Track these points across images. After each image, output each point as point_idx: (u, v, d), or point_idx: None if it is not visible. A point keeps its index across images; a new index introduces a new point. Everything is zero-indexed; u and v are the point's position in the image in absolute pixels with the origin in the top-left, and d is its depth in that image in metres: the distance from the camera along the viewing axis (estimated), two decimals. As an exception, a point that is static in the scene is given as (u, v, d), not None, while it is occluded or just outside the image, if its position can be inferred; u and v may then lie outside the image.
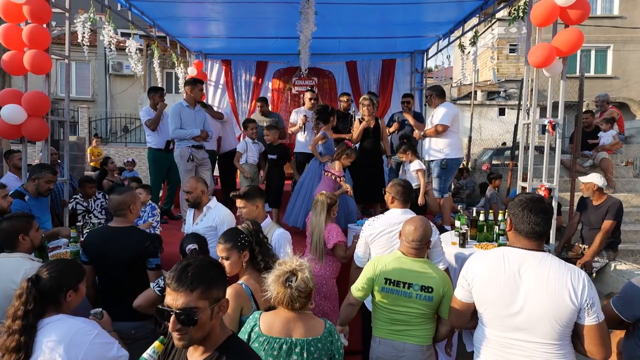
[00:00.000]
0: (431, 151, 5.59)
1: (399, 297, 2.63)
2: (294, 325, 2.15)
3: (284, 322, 2.15)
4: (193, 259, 1.69)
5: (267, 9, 6.22)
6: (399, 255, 2.74)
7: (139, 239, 3.07)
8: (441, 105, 5.54)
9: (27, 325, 1.96)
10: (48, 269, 2.18)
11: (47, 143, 4.74)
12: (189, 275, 1.57)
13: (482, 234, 4.23)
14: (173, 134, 5.44)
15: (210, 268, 1.66)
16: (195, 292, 1.56)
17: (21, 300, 2.00)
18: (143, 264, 3.02)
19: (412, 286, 2.61)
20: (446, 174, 5.53)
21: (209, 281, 1.60)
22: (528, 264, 2.08)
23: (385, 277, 2.65)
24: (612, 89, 17.22)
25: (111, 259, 2.98)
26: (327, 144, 5.51)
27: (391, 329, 2.67)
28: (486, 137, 16.78)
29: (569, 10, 3.96)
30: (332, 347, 2.19)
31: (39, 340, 1.96)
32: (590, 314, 1.99)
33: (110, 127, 19.55)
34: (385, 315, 2.69)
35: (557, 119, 4.31)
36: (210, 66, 9.31)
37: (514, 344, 2.09)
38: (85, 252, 3.10)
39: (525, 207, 2.13)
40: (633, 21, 18.58)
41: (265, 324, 2.15)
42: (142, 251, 3.01)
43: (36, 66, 4.22)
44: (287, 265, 2.17)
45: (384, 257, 2.80)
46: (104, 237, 3.09)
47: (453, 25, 7.29)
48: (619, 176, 7.39)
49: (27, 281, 2.06)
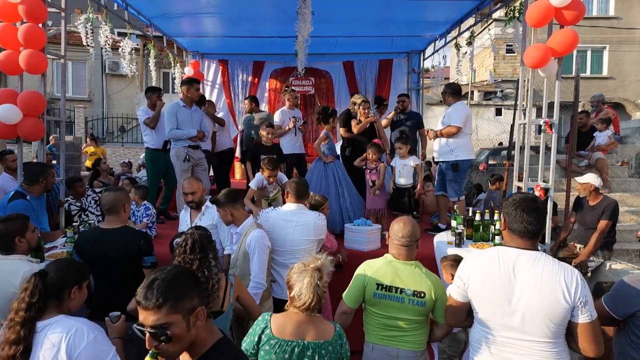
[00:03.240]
0: (441, 152, 5.47)
1: (391, 303, 2.56)
2: (307, 328, 2.13)
3: (296, 324, 2.12)
4: (160, 271, 1.61)
5: (263, 8, 6.21)
6: (390, 259, 2.67)
7: (133, 237, 3.07)
8: (455, 104, 5.42)
9: (29, 317, 1.96)
10: (55, 265, 2.20)
11: (42, 143, 4.73)
12: (154, 291, 1.51)
13: (477, 234, 4.25)
14: (169, 134, 5.44)
15: (178, 279, 1.59)
16: (164, 308, 1.50)
17: (27, 293, 2.00)
18: (138, 263, 3.01)
19: (404, 291, 2.54)
20: (459, 176, 5.40)
21: (177, 294, 1.54)
22: (522, 263, 2.10)
23: (376, 283, 2.58)
24: (608, 90, 17.29)
25: (105, 260, 2.97)
26: (330, 145, 5.57)
27: (384, 335, 2.61)
28: (483, 137, 16.85)
29: (564, 11, 3.97)
30: (341, 351, 2.19)
31: (39, 341, 1.94)
32: (583, 312, 2.00)
33: (106, 127, 19.50)
34: (378, 321, 2.62)
35: (553, 119, 4.33)
36: (207, 66, 9.32)
37: (509, 342, 2.11)
38: (78, 254, 3.07)
39: (518, 207, 2.15)
40: (629, 22, 18.67)
41: (277, 326, 2.11)
42: (136, 250, 3.00)
43: (32, 66, 4.21)
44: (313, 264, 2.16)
45: (374, 262, 2.71)
46: (96, 238, 3.07)
47: (449, 26, 7.32)
48: (614, 176, 7.43)
49: (35, 275, 2.06)
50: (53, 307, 2.07)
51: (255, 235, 3.27)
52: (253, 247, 3.23)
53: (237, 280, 2.82)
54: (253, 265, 3.23)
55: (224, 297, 2.63)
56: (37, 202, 4.20)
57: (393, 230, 2.68)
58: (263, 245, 3.27)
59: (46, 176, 4.18)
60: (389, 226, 2.81)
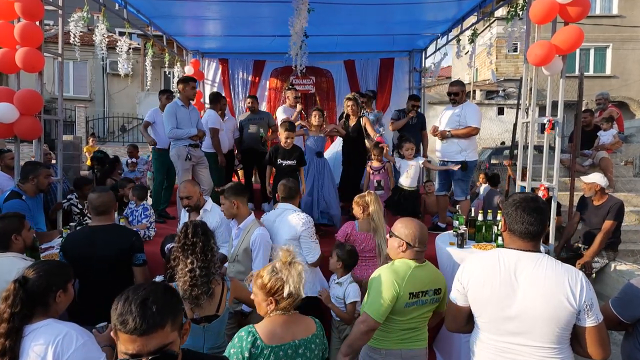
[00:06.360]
0: (449, 152, 5.34)
1: (418, 307, 2.50)
2: (295, 328, 2.10)
3: (285, 327, 2.07)
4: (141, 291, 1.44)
5: (263, 7, 6.16)
6: (411, 264, 2.50)
7: (125, 234, 3.06)
8: (467, 104, 5.33)
9: (13, 328, 1.90)
10: (35, 269, 2.12)
11: (40, 142, 4.68)
12: (154, 310, 1.37)
13: (480, 234, 4.18)
14: (170, 134, 5.40)
15: (167, 293, 1.48)
16: (167, 326, 1.39)
17: (7, 303, 1.94)
18: (128, 262, 2.98)
19: (427, 293, 2.51)
20: (467, 176, 5.39)
21: (173, 308, 1.44)
22: (524, 265, 2.03)
23: (409, 292, 2.43)
24: (612, 88, 17.21)
25: (95, 259, 2.92)
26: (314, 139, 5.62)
27: (402, 338, 2.51)
28: (485, 137, 16.78)
29: (569, 7, 3.91)
30: (324, 341, 2.20)
31: (27, 346, 1.89)
32: (589, 315, 1.94)
33: (107, 126, 19.48)
34: (399, 327, 2.50)
35: (557, 117, 4.27)
36: (207, 65, 9.27)
37: (511, 348, 2.04)
38: (64, 254, 3.02)
39: (518, 207, 2.07)
40: (632, 20, 18.58)
41: (267, 334, 2.03)
42: (128, 246, 2.98)
43: (28, 64, 4.17)
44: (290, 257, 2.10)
45: (399, 270, 2.48)
46: (86, 237, 3.03)
47: (451, 24, 7.26)
48: (618, 175, 7.37)
49: (14, 282, 2.00)
50: (40, 313, 2.02)
51: (260, 234, 3.33)
52: (258, 244, 3.30)
53: (235, 282, 2.77)
54: (257, 263, 3.29)
55: (220, 301, 2.58)
56: (33, 202, 4.16)
57: (411, 236, 2.51)
58: (267, 243, 3.36)
59: (37, 175, 4.13)
60: (389, 227, 2.74)
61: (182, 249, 2.57)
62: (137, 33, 8.50)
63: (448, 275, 3.38)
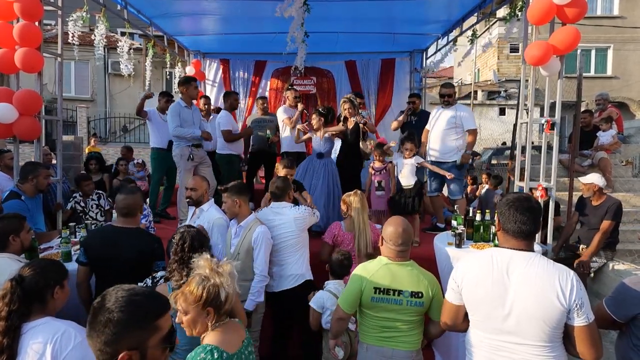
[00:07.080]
0: (446, 152, 5.42)
1: (389, 306, 2.52)
2: (236, 331, 2.04)
3: (232, 332, 2.01)
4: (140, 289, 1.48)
5: (264, 6, 6.16)
6: (385, 261, 2.59)
7: (147, 240, 3.05)
8: (459, 106, 5.47)
9: (11, 326, 1.92)
10: (30, 267, 2.14)
11: (39, 142, 4.70)
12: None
13: (478, 234, 4.19)
14: (174, 132, 5.40)
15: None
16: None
17: (5, 301, 1.96)
18: (148, 267, 2.96)
19: (402, 293, 2.50)
20: (461, 174, 5.58)
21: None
22: (516, 264, 2.04)
23: (374, 287, 2.52)
24: (612, 89, 17.20)
25: (115, 260, 2.91)
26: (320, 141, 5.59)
27: (380, 336, 2.57)
28: (486, 137, 16.80)
29: (566, 8, 3.92)
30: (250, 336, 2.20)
31: (25, 343, 1.91)
32: (579, 314, 1.94)
33: (109, 126, 19.52)
34: (374, 323, 2.58)
35: (555, 118, 4.27)
36: (209, 65, 9.29)
37: (504, 346, 2.05)
38: (85, 253, 3.02)
39: (511, 206, 2.09)
40: (633, 21, 18.56)
41: (226, 344, 1.92)
42: (150, 252, 2.97)
43: (27, 64, 4.18)
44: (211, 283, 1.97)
45: (370, 265, 2.63)
46: (109, 237, 3.03)
47: (452, 24, 7.26)
48: (617, 176, 7.35)
49: (11, 281, 2.02)
50: (38, 310, 2.04)
51: (261, 231, 3.40)
52: (260, 242, 3.36)
53: None
54: (259, 260, 3.36)
55: None
56: (32, 202, 4.17)
57: (388, 234, 2.60)
58: (269, 241, 3.44)
59: (36, 175, 4.14)
60: (374, 226, 2.77)
61: (178, 262, 2.61)
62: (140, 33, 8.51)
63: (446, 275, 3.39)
